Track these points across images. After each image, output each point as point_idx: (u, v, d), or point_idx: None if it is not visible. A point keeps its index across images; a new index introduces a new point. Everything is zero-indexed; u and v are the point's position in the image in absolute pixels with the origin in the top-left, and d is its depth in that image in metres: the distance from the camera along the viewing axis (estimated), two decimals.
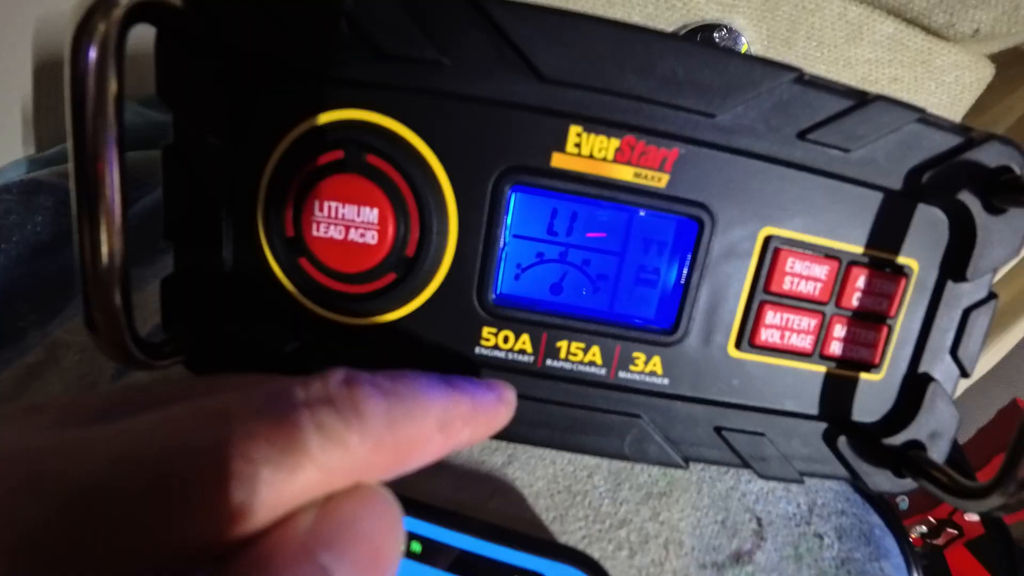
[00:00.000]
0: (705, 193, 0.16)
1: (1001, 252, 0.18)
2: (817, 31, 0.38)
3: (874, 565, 0.18)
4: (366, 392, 0.10)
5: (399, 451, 0.10)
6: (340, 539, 0.09)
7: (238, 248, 0.18)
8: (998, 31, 0.36)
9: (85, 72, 0.13)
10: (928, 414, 0.19)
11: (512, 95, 0.15)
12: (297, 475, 0.09)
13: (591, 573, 0.15)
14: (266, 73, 0.16)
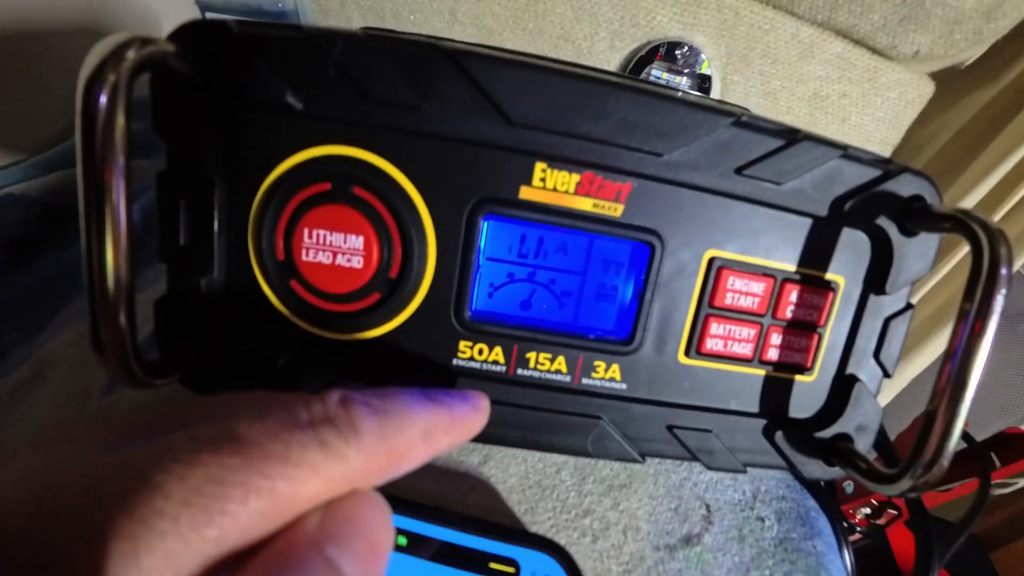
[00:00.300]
0: (656, 221, 0.18)
1: (915, 269, 0.20)
2: (772, 49, 0.41)
3: (808, 543, 0.21)
4: (360, 411, 0.12)
5: (389, 461, 0.12)
6: (342, 534, 0.10)
7: (230, 271, 0.19)
8: (936, 52, 0.39)
9: (95, 115, 0.14)
10: (854, 410, 0.21)
11: (485, 136, 0.17)
12: (305, 486, 0.10)
13: (558, 558, 0.17)
14: (258, 111, 0.18)
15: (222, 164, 0.18)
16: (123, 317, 0.16)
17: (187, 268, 0.19)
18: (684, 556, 0.19)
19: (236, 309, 0.20)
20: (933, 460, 0.18)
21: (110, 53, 0.14)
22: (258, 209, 0.19)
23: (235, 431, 0.10)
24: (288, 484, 0.10)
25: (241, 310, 0.20)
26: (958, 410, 0.17)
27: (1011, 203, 0.42)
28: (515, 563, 0.16)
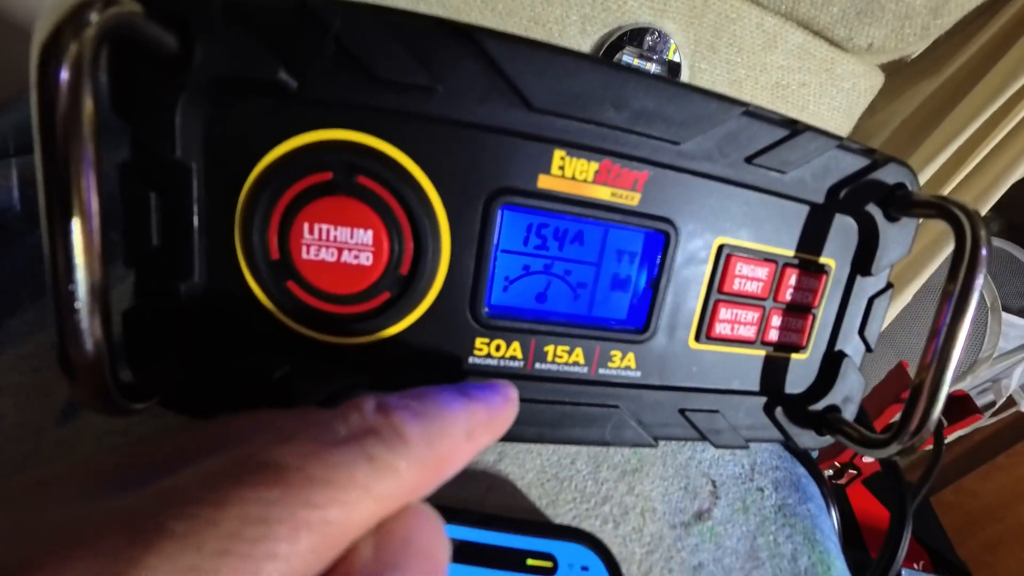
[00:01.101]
0: (670, 209, 0.19)
1: (897, 251, 0.22)
2: (738, 38, 0.42)
3: (803, 507, 0.23)
4: (403, 417, 0.11)
5: (439, 467, 0.11)
6: (402, 559, 0.09)
7: (213, 274, 0.17)
8: (888, 46, 0.42)
9: (56, 96, 0.12)
10: (842, 383, 0.23)
11: (503, 122, 0.16)
12: (358, 509, 0.09)
13: (593, 547, 0.17)
14: (244, 90, 0.16)
15: (201, 151, 0.16)
16: (97, 331, 0.14)
17: (162, 273, 0.17)
18: (698, 532, 0.20)
19: (223, 317, 0.18)
20: (919, 427, 0.19)
21: (67, 17, 0.12)
22: (246, 202, 0.17)
23: (265, 457, 0.09)
24: (340, 511, 0.09)
25: (229, 318, 0.18)
26: (942, 382, 0.19)
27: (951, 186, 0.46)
28: (552, 557, 0.16)
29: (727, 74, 0.43)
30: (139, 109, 0.15)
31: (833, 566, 0.21)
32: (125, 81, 0.15)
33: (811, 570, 0.20)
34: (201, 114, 0.16)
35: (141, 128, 0.16)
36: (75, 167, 0.13)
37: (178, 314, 0.17)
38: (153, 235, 0.16)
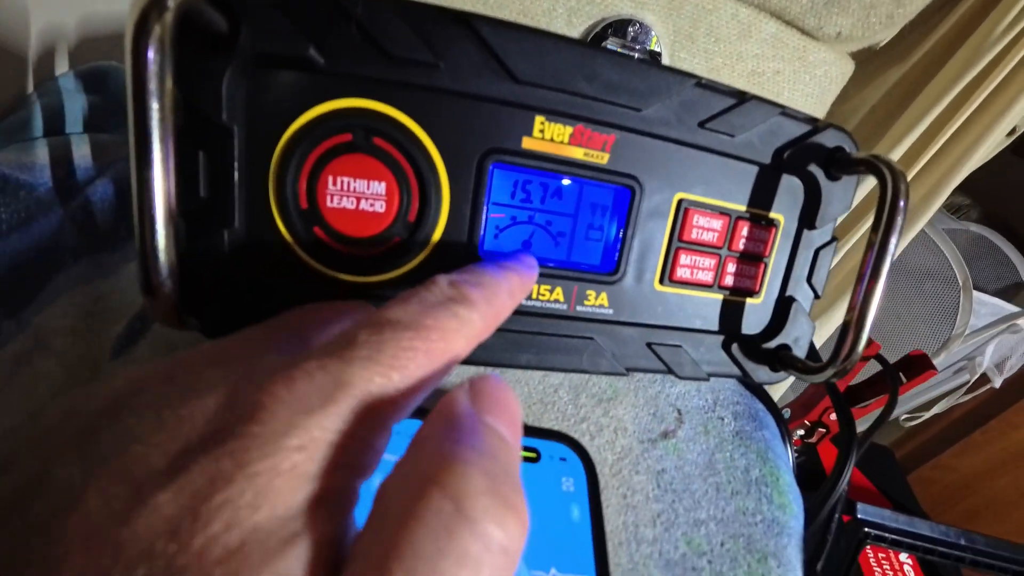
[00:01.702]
0: (635, 168, 0.22)
1: (838, 207, 0.25)
2: (715, 28, 0.45)
3: (758, 433, 0.26)
4: (468, 286, 0.15)
5: (496, 317, 0.15)
6: (492, 407, 0.12)
7: (251, 222, 0.21)
8: (855, 34, 0.45)
9: (145, 69, 0.15)
10: (792, 325, 0.26)
11: (493, 92, 0.20)
12: (454, 345, 0.13)
13: (571, 445, 0.20)
14: (280, 65, 0.19)
15: (243, 116, 0.20)
16: (172, 259, 0.17)
17: (208, 222, 0.20)
18: (663, 446, 0.23)
19: (259, 259, 0.21)
20: (848, 355, 0.22)
21: (151, 3, 0.15)
22: (280, 159, 0.20)
23: (390, 316, 0.12)
24: (445, 344, 0.13)
25: (263, 259, 0.21)
26: (866, 319, 0.22)
27: (916, 168, 0.49)
28: (536, 450, 0.19)
29: (705, 62, 0.46)
30: (192, 80, 0.19)
31: (782, 478, 0.24)
32: (183, 57, 0.18)
33: (761, 479, 0.24)
34: (244, 84, 0.19)
35: (194, 96, 0.19)
36: (159, 127, 0.16)
37: (221, 256, 0.21)
38: (201, 188, 0.20)
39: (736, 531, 0.21)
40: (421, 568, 0.08)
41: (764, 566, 0.20)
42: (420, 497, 0.09)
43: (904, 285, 0.68)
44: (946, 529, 0.33)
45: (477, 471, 0.09)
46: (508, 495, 0.09)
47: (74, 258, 0.28)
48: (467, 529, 0.08)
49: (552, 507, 0.18)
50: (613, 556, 0.19)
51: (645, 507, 0.21)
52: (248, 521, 0.08)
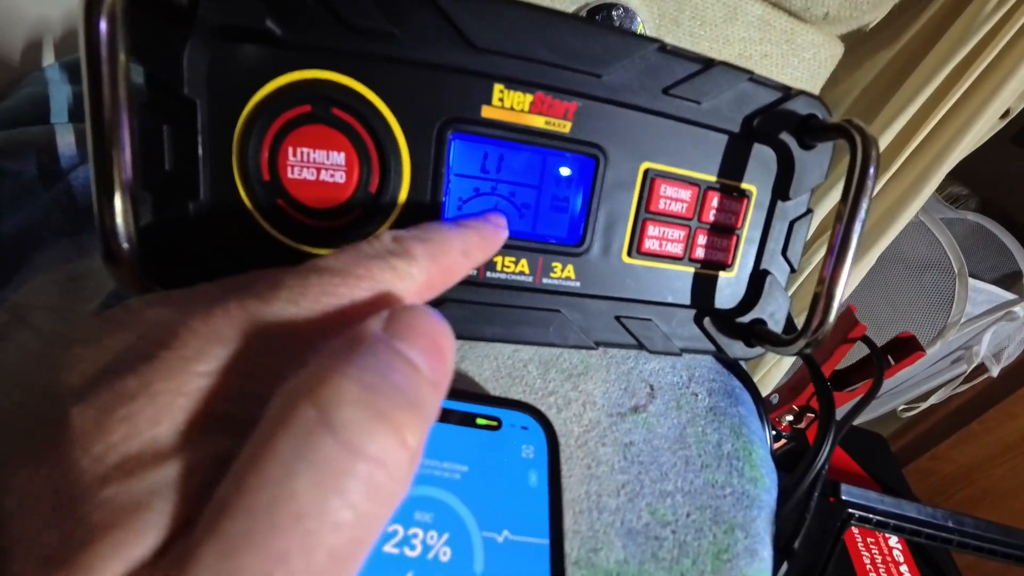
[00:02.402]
0: (599, 136, 0.22)
1: (813, 177, 0.25)
2: (700, 11, 0.44)
3: (733, 409, 0.26)
4: (411, 241, 0.15)
5: (443, 275, 0.15)
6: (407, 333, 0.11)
7: (216, 194, 0.21)
8: (843, 15, 0.45)
9: (97, 41, 0.15)
10: (767, 299, 0.26)
11: (450, 60, 0.20)
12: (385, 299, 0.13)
13: (534, 415, 0.20)
14: (239, 37, 0.19)
15: (205, 89, 0.20)
16: (131, 232, 0.17)
17: (173, 193, 0.20)
18: (632, 420, 0.23)
19: (224, 230, 0.21)
20: (819, 326, 0.22)
21: None
22: (242, 131, 0.20)
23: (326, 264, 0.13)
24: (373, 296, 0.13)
25: (229, 231, 0.21)
26: (835, 289, 0.22)
27: (908, 151, 0.49)
28: (498, 419, 0.19)
29: (691, 46, 0.46)
30: (154, 54, 0.19)
31: (755, 452, 0.24)
32: (143, 31, 0.19)
33: (733, 454, 0.23)
34: (205, 57, 0.19)
35: (156, 70, 0.19)
36: (114, 100, 0.16)
37: (185, 230, 0.21)
38: (166, 161, 0.20)
39: (704, 503, 0.21)
40: (275, 472, 0.08)
41: (731, 537, 0.20)
42: (290, 405, 0.09)
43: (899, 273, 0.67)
44: (933, 511, 0.32)
45: (352, 383, 0.09)
46: (387, 410, 0.09)
47: (55, 239, 0.28)
48: (328, 436, 0.08)
49: (509, 473, 0.18)
50: (573, 523, 0.19)
51: (610, 478, 0.21)
52: (147, 433, 0.09)
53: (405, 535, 0.16)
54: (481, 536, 0.16)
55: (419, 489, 0.17)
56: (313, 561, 0.08)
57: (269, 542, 0.08)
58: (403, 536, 0.16)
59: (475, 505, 0.17)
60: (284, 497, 0.08)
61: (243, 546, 0.08)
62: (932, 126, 0.45)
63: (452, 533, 0.16)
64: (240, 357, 0.10)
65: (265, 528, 0.08)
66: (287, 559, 0.08)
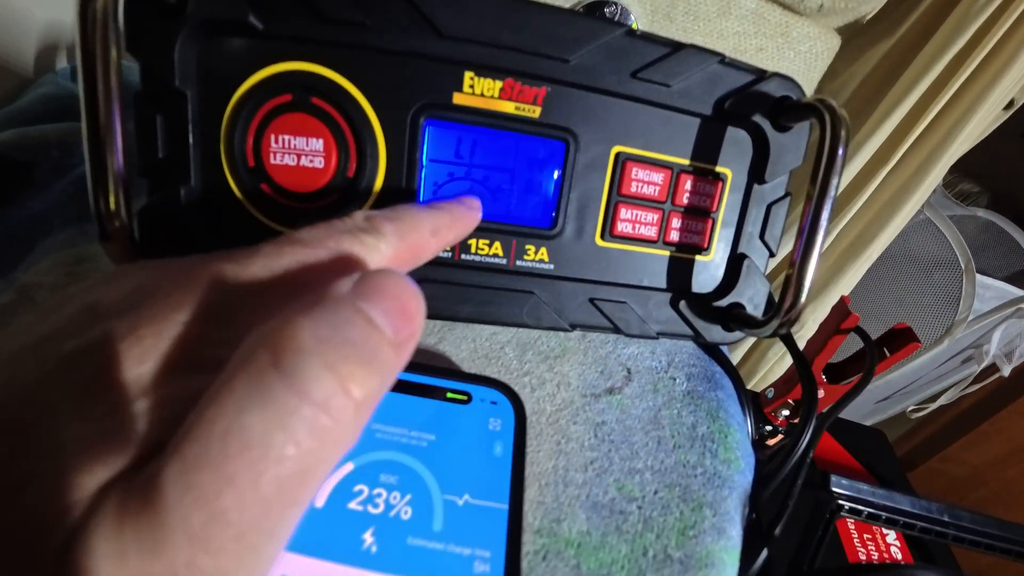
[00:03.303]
0: (569, 120, 0.22)
1: (790, 159, 0.25)
2: (693, 6, 0.45)
3: (711, 393, 0.26)
4: (380, 220, 0.16)
5: (410, 251, 0.16)
6: (374, 293, 0.11)
7: (205, 179, 0.22)
8: (837, 7, 0.45)
9: (92, 37, 0.17)
10: (745, 283, 0.26)
11: (420, 48, 0.20)
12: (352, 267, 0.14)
13: (504, 391, 0.21)
14: (225, 31, 0.20)
15: (195, 81, 0.21)
16: (124, 211, 0.19)
17: (166, 179, 0.22)
18: (607, 401, 0.24)
19: (212, 214, 0.22)
20: (791, 308, 0.22)
21: None
22: (229, 121, 0.21)
23: (299, 236, 0.14)
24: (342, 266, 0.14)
25: (217, 214, 0.22)
26: (806, 271, 0.22)
27: (908, 142, 0.48)
28: (468, 393, 0.20)
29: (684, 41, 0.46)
30: (148, 48, 0.20)
31: (731, 435, 0.24)
32: (137, 27, 0.20)
33: (708, 436, 0.23)
34: (194, 51, 0.21)
35: (149, 63, 0.21)
36: (107, 92, 0.17)
37: (177, 213, 0.22)
38: (159, 149, 0.21)
39: (673, 481, 0.21)
40: (230, 406, 0.09)
41: (698, 514, 0.20)
42: (251, 350, 0.10)
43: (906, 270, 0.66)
44: (927, 504, 0.31)
45: (307, 334, 0.10)
46: (335, 362, 0.10)
47: (62, 226, 0.30)
48: (278, 379, 0.09)
49: (475, 443, 0.18)
50: (538, 495, 0.19)
51: (579, 454, 0.21)
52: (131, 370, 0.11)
53: (370, 494, 0.16)
54: (442, 498, 0.17)
55: (385, 454, 0.18)
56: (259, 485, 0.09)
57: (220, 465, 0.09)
58: (368, 495, 0.16)
59: (438, 470, 0.17)
60: (236, 428, 0.09)
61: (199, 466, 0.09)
62: (932, 117, 0.44)
63: (414, 494, 0.17)
64: (216, 309, 0.12)
65: (217, 453, 0.09)
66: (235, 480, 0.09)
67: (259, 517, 0.09)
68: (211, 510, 0.08)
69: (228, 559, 0.09)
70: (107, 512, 0.09)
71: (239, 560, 0.09)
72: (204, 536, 0.08)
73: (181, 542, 0.08)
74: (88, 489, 0.09)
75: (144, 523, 0.08)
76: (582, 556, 0.18)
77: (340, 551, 0.15)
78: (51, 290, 0.27)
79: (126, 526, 0.08)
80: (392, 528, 0.16)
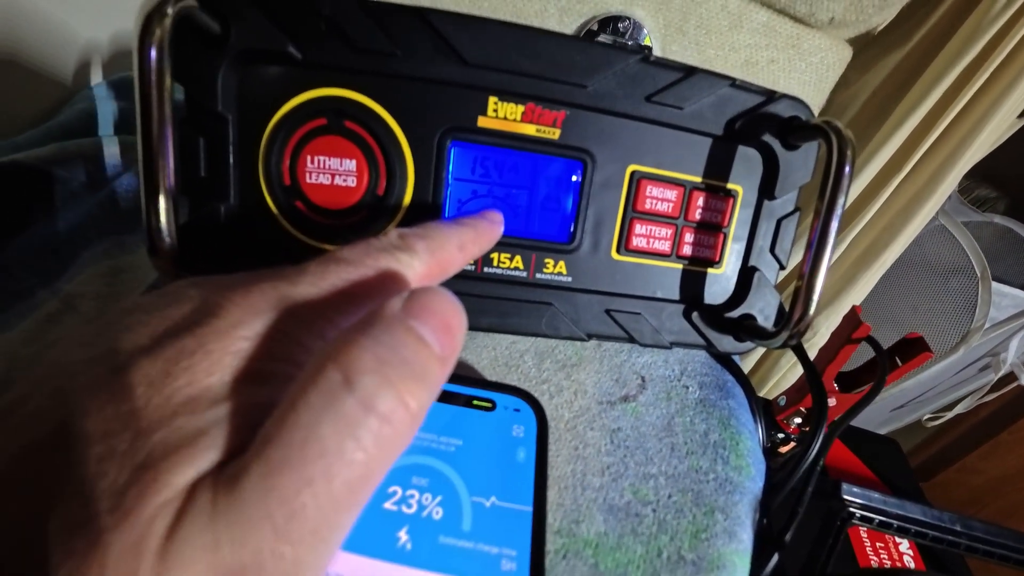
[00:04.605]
0: (586, 142, 0.23)
1: (799, 176, 0.26)
2: (705, 20, 0.46)
3: (723, 402, 0.26)
4: (412, 238, 0.17)
5: (440, 266, 0.17)
6: (422, 312, 0.12)
7: (243, 197, 0.24)
8: (848, 19, 0.45)
9: (148, 66, 0.18)
10: (756, 295, 0.27)
11: (447, 75, 0.22)
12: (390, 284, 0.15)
13: (526, 399, 0.22)
14: (265, 60, 0.22)
15: (235, 106, 0.23)
16: (173, 228, 0.20)
17: (206, 196, 0.23)
18: (622, 408, 0.25)
19: (249, 229, 0.24)
20: (799, 320, 0.23)
21: (154, 9, 0.18)
22: (267, 142, 0.23)
23: (341, 255, 0.15)
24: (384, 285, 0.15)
25: (254, 230, 0.24)
26: (814, 284, 0.22)
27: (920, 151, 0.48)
28: (492, 401, 0.21)
29: (697, 54, 0.47)
30: (193, 76, 0.22)
31: (742, 443, 0.25)
32: (183, 56, 0.21)
33: (719, 443, 0.24)
34: (235, 79, 0.22)
35: (194, 89, 0.22)
36: (160, 118, 0.19)
37: (217, 228, 0.23)
38: (202, 169, 0.23)
39: (686, 486, 0.22)
40: (307, 417, 0.10)
41: (710, 518, 0.21)
42: (321, 367, 0.11)
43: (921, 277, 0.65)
44: (939, 513, 0.32)
45: (368, 354, 0.11)
46: (395, 379, 0.11)
47: (100, 238, 0.32)
48: (349, 395, 0.10)
49: (500, 448, 0.19)
50: (557, 497, 0.20)
51: (595, 459, 0.22)
52: (204, 381, 0.12)
53: (403, 495, 0.17)
54: (470, 500, 0.18)
55: (417, 458, 0.19)
56: (332, 487, 0.10)
57: (300, 468, 0.10)
58: (401, 496, 0.17)
59: (466, 474, 0.19)
60: (313, 437, 0.10)
61: (280, 469, 0.10)
62: (945, 125, 0.44)
63: (444, 496, 0.18)
64: (272, 326, 0.13)
65: (297, 458, 0.10)
66: (312, 482, 0.10)
67: (330, 513, 0.10)
68: (292, 507, 0.10)
69: (304, 549, 0.10)
70: (201, 508, 0.10)
71: (312, 549, 0.10)
72: (285, 529, 0.10)
73: (267, 533, 0.10)
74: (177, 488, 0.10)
75: (234, 517, 0.10)
76: (600, 556, 0.19)
77: (378, 548, 0.16)
78: (93, 299, 0.29)
79: (219, 520, 0.10)
80: (425, 527, 0.17)
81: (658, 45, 0.47)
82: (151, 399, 0.11)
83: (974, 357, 0.71)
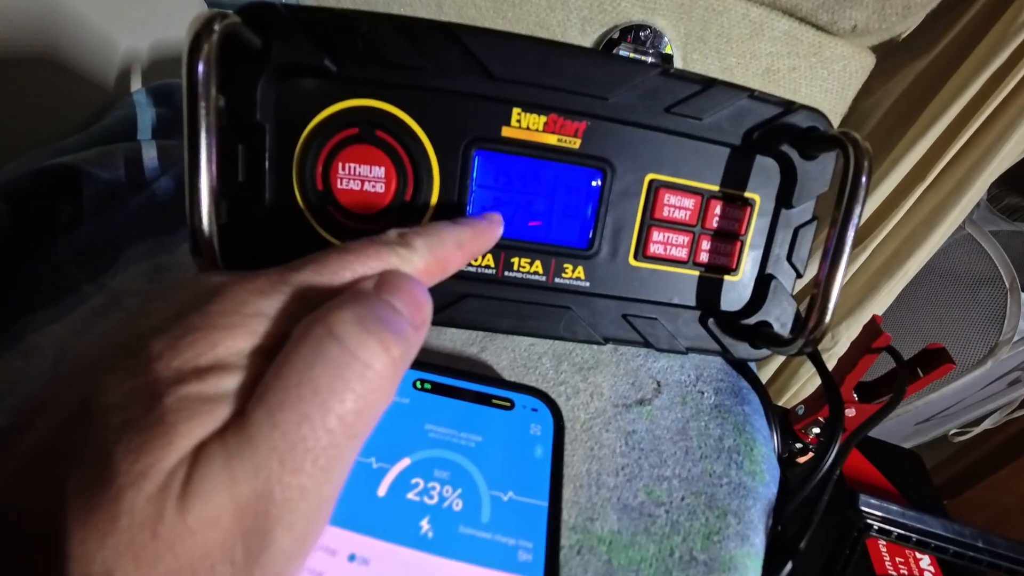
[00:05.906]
0: (607, 151, 0.24)
1: (816, 186, 0.26)
2: (726, 29, 0.46)
3: (738, 407, 0.27)
4: (412, 236, 0.18)
5: (438, 263, 0.18)
6: (392, 288, 0.15)
7: (278, 201, 0.25)
8: (871, 27, 0.45)
9: (196, 79, 0.20)
10: (772, 302, 0.27)
11: (473, 88, 0.23)
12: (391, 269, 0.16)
13: (543, 399, 0.22)
14: (302, 73, 0.23)
15: (272, 115, 0.24)
16: (214, 229, 0.22)
17: (244, 200, 0.25)
18: (637, 411, 0.25)
19: (283, 231, 0.25)
20: (815, 328, 0.23)
21: (202, 26, 0.20)
22: (301, 150, 0.24)
23: (345, 247, 0.16)
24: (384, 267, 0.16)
25: (287, 232, 0.25)
26: (831, 293, 0.23)
27: (944, 160, 0.48)
28: (511, 400, 0.22)
29: (718, 63, 0.47)
30: (234, 88, 0.23)
31: (757, 449, 0.25)
32: (226, 68, 0.23)
33: (734, 448, 0.25)
34: (274, 90, 0.24)
35: (235, 101, 0.24)
36: (207, 127, 0.20)
37: (253, 229, 0.25)
38: (240, 174, 0.24)
39: (699, 489, 0.23)
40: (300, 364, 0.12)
41: (723, 521, 0.21)
42: (306, 329, 0.13)
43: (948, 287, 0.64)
44: (960, 528, 0.31)
45: (349, 312, 0.13)
46: (376, 330, 0.13)
47: (141, 237, 0.34)
48: (335, 344, 0.12)
49: (518, 445, 0.20)
50: (573, 495, 0.21)
51: (610, 460, 0.23)
52: (210, 352, 0.13)
53: (425, 487, 0.18)
54: (489, 494, 0.19)
55: (438, 452, 0.20)
56: (327, 420, 0.12)
57: (298, 405, 0.12)
58: (423, 487, 0.18)
59: (485, 468, 0.19)
60: (307, 379, 0.12)
61: (281, 408, 0.12)
62: (970, 134, 0.44)
63: (464, 489, 0.19)
64: (275, 305, 0.14)
65: (294, 397, 0.12)
66: (310, 417, 0.12)
67: (328, 445, 0.12)
68: (293, 439, 0.11)
69: (308, 478, 0.12)
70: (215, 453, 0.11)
71: (315, 478, 0.12)
72: (290, 459, 0.11)
73: (274, 465, 0.11)
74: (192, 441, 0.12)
75: (246, 453, 0.11)
76: (613, 553, 0.20)
77: (401, 535, 0.17)
78: (136, 295, 0.30)
79: (232, 458, 0.11)
80: (445, 517, 0.18)
81: (679, 54, 0.48)
82: (161, 372, 0.12)
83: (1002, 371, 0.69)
